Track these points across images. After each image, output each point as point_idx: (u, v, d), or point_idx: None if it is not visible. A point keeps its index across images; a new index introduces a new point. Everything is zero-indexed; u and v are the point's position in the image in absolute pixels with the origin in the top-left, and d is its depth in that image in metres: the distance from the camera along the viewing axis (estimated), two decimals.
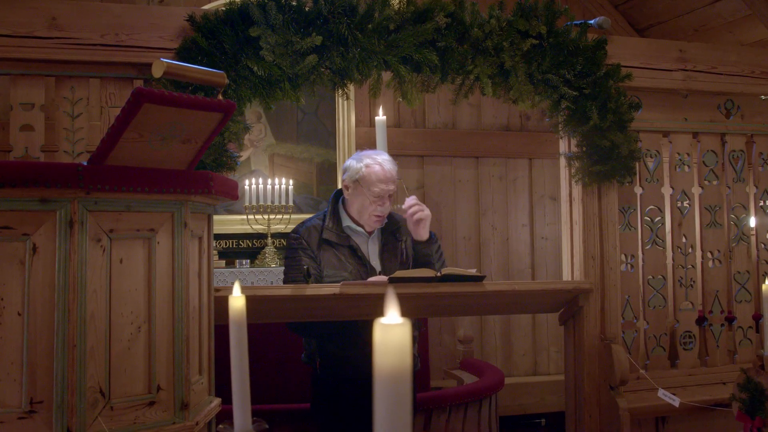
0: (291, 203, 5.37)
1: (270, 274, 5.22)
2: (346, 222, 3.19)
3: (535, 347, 6.15)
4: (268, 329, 4.01)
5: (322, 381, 3.21)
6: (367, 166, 3.14)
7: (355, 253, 3.16)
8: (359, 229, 3.20)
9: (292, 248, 3.17)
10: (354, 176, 3.16)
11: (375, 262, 3.21)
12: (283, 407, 3.75)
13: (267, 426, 1.48)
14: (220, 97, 2.31)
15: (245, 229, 5.40)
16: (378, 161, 3.15)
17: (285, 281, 3.20)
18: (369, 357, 2.97)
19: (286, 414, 3.67)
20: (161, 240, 2.23)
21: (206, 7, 4.80)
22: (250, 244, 5.51)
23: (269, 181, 5.35)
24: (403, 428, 0.61)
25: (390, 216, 3.28)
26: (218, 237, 5.16)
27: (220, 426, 1.45)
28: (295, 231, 3.22)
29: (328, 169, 5.73)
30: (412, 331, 2.26)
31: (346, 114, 5.70)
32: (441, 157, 6.02)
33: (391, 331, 0.63)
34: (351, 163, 3.21)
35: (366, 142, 5.61)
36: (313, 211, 5.60)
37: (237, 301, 1.47)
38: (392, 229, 3.27)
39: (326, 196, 5.73)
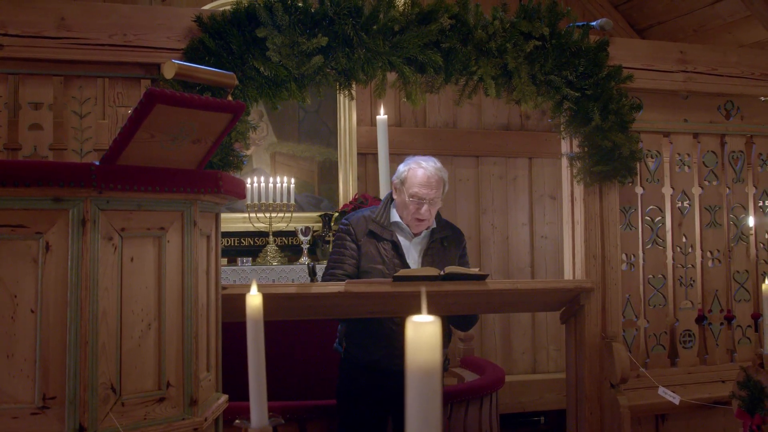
0: (292, 202, 5.39)
1: (272, 272, 5.24)
2: (395, 218, 3.28)
3: (534, 346, 6.19)
4: (295, 327, 4.07)
5: (346, 365, 3.34)
6: (410, 168, 3.26)
7: (397, 248, 3.24)
8: (406, 228, 3.27)
9: (341, 234, 3.27)
10: (399, 177, 3.28)
11: (413, 261, 3.26)
12: (313, 404, 3.78)
13: (283, 420, 1.51)
14: (230, 97, 2.35)
15: (247, 227, 5.42)
16: (422, 165, 3.25)
17: (324, 276, 3.27)
18: (388, 349, 2.99)
19: (316, 410, 3.71)
20: (171, 238, 2.26)
21: (207, 6, 4.83)
22: (252, 243, 5.53)
23: (271, 179, 5.37)
24: (433, 420, 0.65)
25: (444, 224, 3.40)
26: None
27: (237, 421, 1.48)
28: (346, 218, 3.33)
29: (330, 168, 5.75)
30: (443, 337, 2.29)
31: (347, 113, 5.72)
32: (441, 156, 5.90)
33: (423, 328, 0.66)
34: (400, 165, 3.33)
35: (367, 141, 5.63)
36: (315, 210, 5.63)
37: (254, 299, 1.50)
38: (442, 236, 3.35)
39: (327, 194, 5.76)
